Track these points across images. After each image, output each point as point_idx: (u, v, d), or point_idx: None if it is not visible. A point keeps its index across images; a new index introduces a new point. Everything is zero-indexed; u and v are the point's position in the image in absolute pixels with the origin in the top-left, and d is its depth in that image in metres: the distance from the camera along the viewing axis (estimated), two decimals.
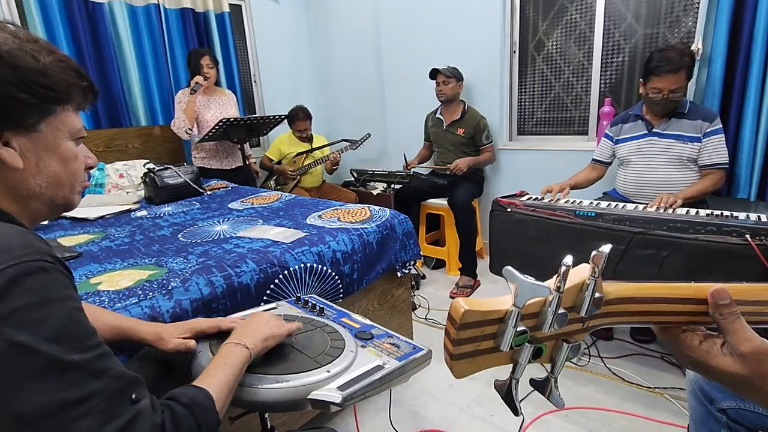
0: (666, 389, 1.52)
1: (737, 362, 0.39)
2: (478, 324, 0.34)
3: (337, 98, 3.76)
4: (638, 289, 0.40)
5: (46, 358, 0.40)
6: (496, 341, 0.35)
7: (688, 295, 0.41)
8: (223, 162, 2.80)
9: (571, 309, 0.37)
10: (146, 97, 2.86)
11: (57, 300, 0.43)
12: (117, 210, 1.99)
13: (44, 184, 0.54)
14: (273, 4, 3.51)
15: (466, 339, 0.34)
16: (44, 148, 0.53)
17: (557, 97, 2.64)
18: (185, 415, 0.51)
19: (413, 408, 1.53)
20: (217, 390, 0.58)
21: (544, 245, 1.65)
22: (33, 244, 0.44)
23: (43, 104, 0.52)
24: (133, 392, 0.46)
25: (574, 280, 0.36)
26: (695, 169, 1.78)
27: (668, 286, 0.41)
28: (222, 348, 0.68)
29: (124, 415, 0.44)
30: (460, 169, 2.51)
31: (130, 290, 1.03)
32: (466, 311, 0.33)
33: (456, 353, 0.34)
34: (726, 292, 0.40)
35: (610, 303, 0.39)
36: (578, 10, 2.44)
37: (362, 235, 1.46)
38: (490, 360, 0.36)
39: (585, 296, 0.36)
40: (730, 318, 0.39)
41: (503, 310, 0.34)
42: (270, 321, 0.77)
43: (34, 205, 0.54)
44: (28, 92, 0.49)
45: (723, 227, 1.30)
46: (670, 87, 1.67)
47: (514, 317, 0.33)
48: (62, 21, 2.46)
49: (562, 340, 0.38)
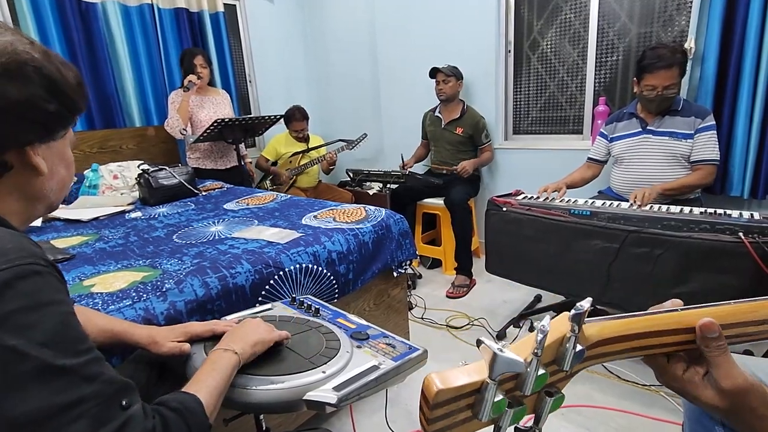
0: (661, 387, 1.53)
1: (717, 396, 0.40)
2: (453, 399, 0.32)
3: (333, 98, 3.76)
4: (621, 327, 0.39)
5: (37, 362, 0.40)
6: (473, 410, 0.33)
7: (674, 326, 0.40)
8: (218, 162, 2.78)
9: (552, 363, 0.36)
10: (140, 97, 2.84)
11: (49, 304, 0.43)
12: (111, 211, 1.98)
13: (55, 188, 0.57)
14: (268, 4, 3.50)
15: (441, 416, 0.33)
16: (57, 155, 0.56)
17: (552, 97, 2.64)
18: (175, 420, 0.51)
19: (410, 407, 1.53)
20: (206, 395, 0.58)
21: (540, 244, 1.65)
22: (26, 248, 0.44)
23: (71, 116, 0.55)
24: (124, 398, 0.46)
25: (554, 335, 0.35)
26: (688, 165, 1.79)
27: (653, 318, 0.40)
28: (211, 354, 0.69)
29: (115, 420, 0.44)
30: (467, 171, 2.52)
31: (124, 292, 1.02)
32: (439, 391, 0.31)
33: (432, 430, 0.33)
34: (716, 326, 0.39)
35: (592, 347, 0.38)
36: (572, 9, 2.45)
37: (358, 235, 1.46)
38: (469, 427, 0.34)
39: (566, 350, 0.35)
40: (716, 351, 0.39)
41: (479, 382, 0.33)
42: (259, 327, 0.77)
43: (39, 206, 0.57)
44: (62, 105, 0.52)
45: (716, 225, 1.31)
46: (663, 83, 1.68)
47: (492, 390, 0.32)
48: (55, 21, 2.44)
49: (544, 393, 0.37)
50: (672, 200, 1.72)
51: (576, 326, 0.35)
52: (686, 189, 1.74)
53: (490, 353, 0.32)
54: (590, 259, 1.53)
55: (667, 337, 0.40)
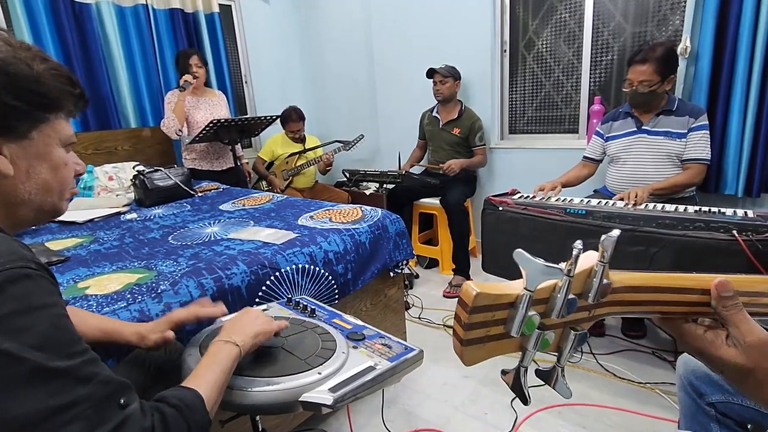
0: (657, 384, 1.54)
1: (741, 353, 0.39)
2: (489, 308, 0.33)
3: (329, 98, 3.75)
4: (643, 279, 0.40)
5: (30, 365, 0.40)
6: (506, 327, 0.34)
7: (692, 285, 0.41)
8: (214, 163, 2.78)
9: (579, 296, 0.36)
10: (135, 98, 2.83)
11: (41, 307, 0.42)
12: (106, 213, 1.97)
13: (33, 191, 0.53)
14: (263, 5, 3.49)
15: (477, 323, 0.33)
16: (35, 155, 0.52)
17: (548, 96, 2.65)
18: (175, 417, 0.51)
19: (407, 408, 1.53)
20: (207, 389, 0.58)
21: (536, 243, 1.66)
22: (16, 251, 0.44)
23: (36, 112, 0.52)
24: (121, 397, 0.46)
25: (582, 266, 0.36)
26: None
27: (672, 276, 0.41)
28: (211, 346, 0.68)
29: (113, 420, 0.44)
30: (453, 170, 2.51)
31: (119, 294, 1.02)
32: (478, 294, 0.32)
33: (467, 338, 0.33)
34: (730, 284, 0.40)
35: (616, 291, 0.38)
36: (567, 9, 2.46)
37: (354, 235, 1.46)
38: (499, 347, 0.35)
39: (593, 282, 0.36)
40: (733, 310, 0.40)
41: (514, 294, 0.33)
42: (258, 317, 0.76)
43: (21, 211, 0.54)
44: (21, 99, 0.49)
45: (711, 223, 1.31)
46: (638, 78, 1.70)
47: (526, 301, 0.33)
48: (48, 22, 2.42)
49: (569, 328, 0.37)
50: (667, 199, 1.73)
51: (606, 253, 0.35)
52: (677, 188, 1.75)
53: (527, 262, 0.32)
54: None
55: (685, 295, 0.41)
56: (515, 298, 0.33)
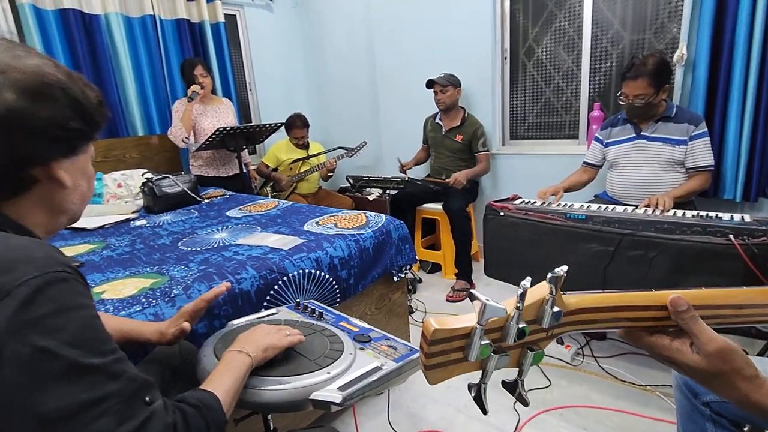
0: (657, 387, 1.56)
1: (704, 360, 0.44)
2: (447, 340, 0.38)
3: (332, 105, 3.80)
4: (599, 300, 0.44)
5: (67, 361, 0.43)
6: (464, 353, 0.39)
7: (648, 302, 0.45)
8: (220, 170, 2.82)
9: (533, 321, 0.41)
10: (143, 106, 2.88)
11: (76, 308, 0.46)
12: (116, 219, 2.02)
13: (77, 202, 0.60)
14: (267, 14, 3.56)
15: (437, 352, 0.38)
16: (79, 170, 0.59)
17: (548, 102, 2.69)
18: (195, 416, 0.54)
19: (411, 410, 1.56)
20: (222, 393, 0.62)
21: (537, 248, 1.69)
22: (54, 256, 0.47)
23: (92, 133, 0.59)
24: (146, 394, 0.49)
25: (536, 296, 0.41)
26: (682, 171, 1.83)
27: (628, 296, 0.45)
28: (225, 355, 0.72)
29: (139, 415, 0.47)
30: (460, 183, 2.54)
31: (134, 298, 1.06)
32: (436, 329, 0.37)
33: (428, 364, 0.39)
34: (682, 299, 0.44)
35: (571, 314, 0.43)
36: (567, 16, 2.50)
37: (359, 240, 1.49)
38: (460, 368, 0.40)
39: (545, 310, 0.41)
40: (691, 322, 0.44)
41: (469, 327, 0.38)
42: (270, 333, 0.80)
43: (61, 219, 0.60)
44: (84, 123, 0.56)
45: (708, 228, 1.34)
46: (633, 92, 1.74)
47: (479, 333, 0.38)
48: (59, 33, 2.48)
49: (526, 348, 0.42)
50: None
51: (553, 287, 0.40)
52: (691, 195, 1.79)
53: (479, 303, 0.37)
54: (586, 262, 1.56)
55: (640, 312, 0.45)
56: (470, 330, 0.38)
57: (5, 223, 0.52)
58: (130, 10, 2.76)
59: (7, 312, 0.41)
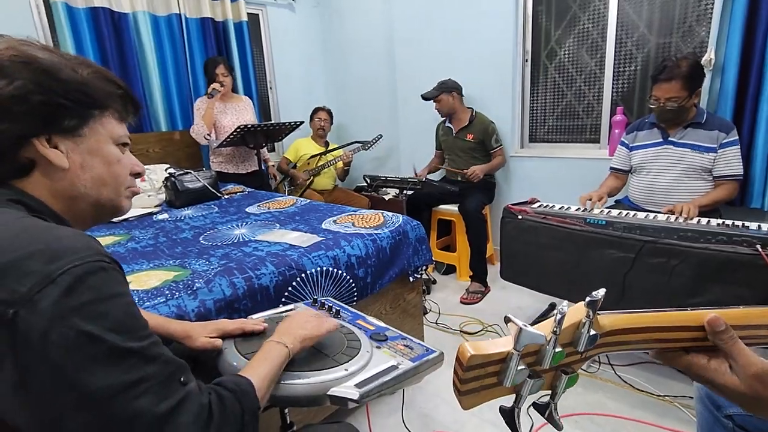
0: (676, 398, 1.53)
1: (743, 383, 0.42)
2: (482, 365, 0.37)
3: (351, 105, 3.82)
4: (633, 320, 0.43)
5: (108, 345, 0.45)
6: (499, 378, 0.38)
7: (682, 323, 0.43)
8: (239, 166, 2.87)
9: (569, 344, 0.40)
10: (167, 103, 2.95)
11: (115, 295, 0.48)
12: (139, 213, 2.07)
13: (89, 184, 0.60)
14: (289, 13, 3.60)
15: (472, 378, 0.38)
16: (87, 150, 0.59)
17: (569, 105, 2.66)
18: (230, 399, 0.57)
19: (425, 410, 1.56)
20: (258, 380, 0.64)
21: (555, 252, 1.67)
22: (94, 246, 0.50)
23: (82, 109, 0.58)
24: (181, 375, 0.52)
25: (571, 320, 0.39)
26: (708, 179, 1.78)
27: (663, 315, 0.43)
28: (265, 344, 0.74)
29: (176, 395, 0.49)
30: (477, 176, 2.54)
31: (158, 290, 1.09)
32: (472, 355, 0.36)
33: (463, 390, 0.38)
34: (721, 320, 0.42)
35: (606, 335, 0.42)
36: (591, 19, 2.46)
37: (376, 240, 1.50)
38: (494, 393, 0.39)
39: (581, 334, 0.40)
40: (729, 342, 0.42)
41: (505, 353, 0.37)
42: (308, 322, 0.81)
43: (80, 205, 0.60)
44: (68, 98, 0.56)
45: (734, 237, 1.31)
46: (665, 95, 1.69)
47: (516, 359, 0.37)
48: (89, 30, 2.56)
49: (560, 371, 0.41)
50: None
51: (591, 311, 0.39)
52: (717, 205, 1.74)
53: (516, 328, 0.36)
54: (605, 268, 1.54)
55: (675, 332, 0.44)
56: (506, 356, 0.37)
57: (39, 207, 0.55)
58: (157, 9, 2.83)
59: (52, 298, 0.43)
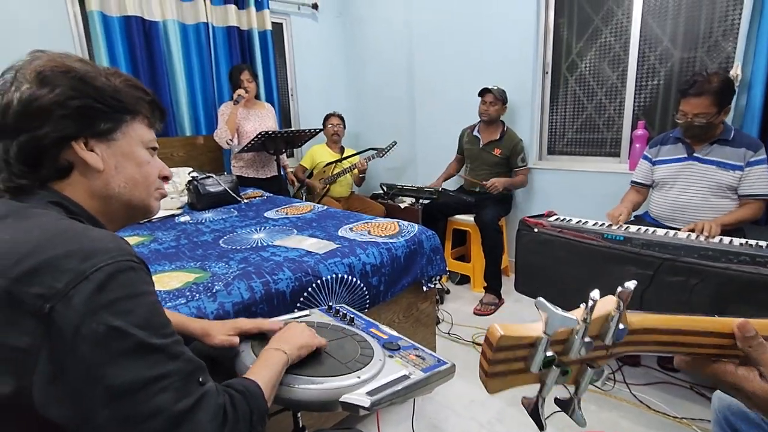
0: (694, 420, 1.49)
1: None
2: (512, 348, 0.37)
3: (370, 113, 3.87)
4: (663, 321, 0.42)
5: (135, 340, 0.48)
6: (526, 363, 0.38)
7: (713, 329, 0.43)
8: (259, 171, 2.94)
9: (596, 337, 0.40)
10: (192, 108, 3.04)
11: (143, 294, 0.51)
12: (162, 214, 2.14)
13: (123, 185, 0.64)
14: (312, 22, 3.68)
15: (500, 360, 0.37)
16: (121, 153, 0.63)
17: (589, 118, 2.63)
18: (241, 400, 0.59)
19: (434, 421, 1.56)
20: (263, 384, 0.66)
21: (570, 267, 1.65)
22: (124, 247, 0.53)
23: (115, 113, 0.63)
24: (200, 375, 0.54)
25: (600, 311, 0.39)
26: (733, 197, 1.74)
27: (693, 319, 0.43)
28: (264, 352, 0.76)
29: (194, 393, 0.51)
30: (496, 188, 2.53)
31: (179, 291, 1.13)
32: (502, 336, 0.36)
33: (491, 372, 0.38)
34: (750, 325, 0.42)
35: (634, 333, 0.41)
36: (613, 32, 2.45)
37: (391, 249, 1.52)
38: (520, 379, 0.39)
39: (609, 326, 0.39)
40: (759, 349, 0.42)
41: (534, 337, 0.37)
42: (304, 332, 0.84)
43: (114, 205, 0.64)
44: (102, 103, 0.60)
45: (757, 258, 1.28)
46: (693, 111, 1.66)
47: (544, 344, 0.37)
48: (122, 37, 2.67)
49: (586, 365, 0.40)
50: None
51: (621, 302, 0.39)
52: (741, 224, 1.70)
53: (546, 312, 0.36)
54: (622, 285, 1.51)
55: (704, 338, 0.43)
56: (535, 340, 0.37)
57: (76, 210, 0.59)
58: (186, 18, 2.94)
59: (85, 294, 0.46)
